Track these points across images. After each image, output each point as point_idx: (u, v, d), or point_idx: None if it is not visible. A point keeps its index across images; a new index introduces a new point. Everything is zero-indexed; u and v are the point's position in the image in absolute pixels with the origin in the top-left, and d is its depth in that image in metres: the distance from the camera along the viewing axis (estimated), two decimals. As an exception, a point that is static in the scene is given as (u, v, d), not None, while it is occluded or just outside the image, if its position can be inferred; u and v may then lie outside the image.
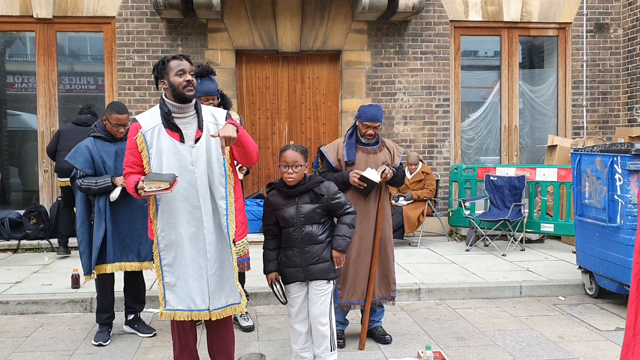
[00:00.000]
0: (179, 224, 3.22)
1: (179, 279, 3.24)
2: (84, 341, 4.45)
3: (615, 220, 5.02)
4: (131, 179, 3.24)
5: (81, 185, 4.24)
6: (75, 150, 4.33)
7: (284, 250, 3.60)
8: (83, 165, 4.25)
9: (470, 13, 8.53)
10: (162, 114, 3.23)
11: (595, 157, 5.29)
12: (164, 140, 3.20)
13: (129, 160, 3.28)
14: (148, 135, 3.20)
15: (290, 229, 3.56)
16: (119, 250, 4.30)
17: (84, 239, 4.34)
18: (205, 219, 3.23)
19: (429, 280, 5.79)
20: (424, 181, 7.85)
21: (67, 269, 6.10)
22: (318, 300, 3.58)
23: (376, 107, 4.25)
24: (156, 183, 3.10)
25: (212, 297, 3.26)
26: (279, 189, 3.61)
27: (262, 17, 8.23)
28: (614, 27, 8.81)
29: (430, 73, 8.54)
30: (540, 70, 9.17)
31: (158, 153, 3.20)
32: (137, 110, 8.05)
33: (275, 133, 8.70)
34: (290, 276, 3.59)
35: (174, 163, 3.20)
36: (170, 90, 3.21)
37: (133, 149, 3.24)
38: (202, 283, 3.24)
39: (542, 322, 4.87)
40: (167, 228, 3.23)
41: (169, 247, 3.24)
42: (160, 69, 3.23)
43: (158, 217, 3.24)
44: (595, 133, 8.79)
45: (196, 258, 3.24)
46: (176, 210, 3.22)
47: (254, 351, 4.19)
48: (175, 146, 3.21)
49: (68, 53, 8.40)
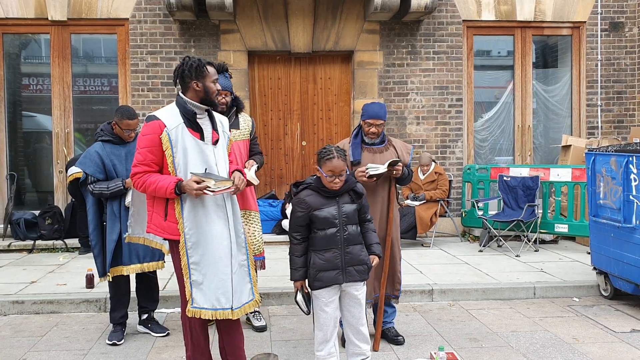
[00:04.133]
0: (205, 223, 3.25)
1: (206, 277, 3.25)
2: (98, 340, 4.49)
3: (630, 220, 4.97)
4: (166, 179, 3.19)
5: (93, 191, 4.26)
6: (85, 155, 4.34)
7: (322, 253, 3.41)
8: (94, 170, 4.26)
9: (483, 12, 8.49)
10: (183, 112, 3.28)
11: (610, 157, 5.24)
12: (188, 139, 3.25)
13: (147, 158, 3.24)
14: (173, 133, 3.23)
15: (331, 230, 3.40)
16: (136, 251, 4.32)
17: (98, 242, 4.36)
18: (229, 216, 3.32)
19: (441, 281, 5.76)
20: (437, 181, 7.82)
21: (82, 269, 6.15)
22: (359, 302, 3.51)
23: (378, 104, 4.20)
24: (220, 182, 3.17)
25: (235, 295, 3.30)
26: (319, 190, 3.46)
27: (274, 18, 8.25)
28: (629, 25, 8.72)
29: (443, 73, 8.51)
30: (554, 70, 9.10)
31: (183, 151, 3.24)
32: (149, 111, 8.09)
33: (287, 134, 8.72)
34: (329, 279, 3.40)
35: (198, 162, 3.26)
36: (201, 93, 3.29)
37: (155, 147, 3.23)
38: (227, 282, 3.27)
39: (556, 323, 4.83)
40: (194, 227, 3.24)
41: (196, 245, 3.25)
42: (199, 70, 3.27)
43: (184, 216, 3.24)
44: (610, 133, 8.70)
45: (223, 257, 3.27)
46: (203, 209, 3.24)
47: (267, 351, 4.19)
48: (199, 145, 3.28)
49: (82, 55, 8.48)
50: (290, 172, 8.77)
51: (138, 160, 3.28)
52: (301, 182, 3.64)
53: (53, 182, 8.25)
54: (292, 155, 8.76)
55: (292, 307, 5.31)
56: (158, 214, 3.33)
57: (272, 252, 6.89)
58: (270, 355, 4.04)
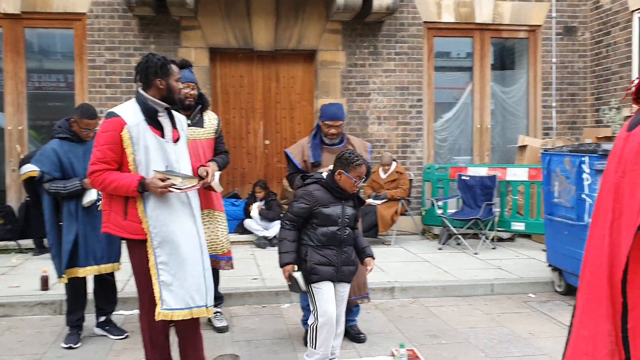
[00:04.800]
0: (171, 221, 3.20)
1: (176, 277, 3.19)
2: (54, 344, 4.37)
3: (583, 218, 5.13)
4: (128, 177, 3.13)
5: (49, 190, 4.14)
6: (41, 153, 4.22)
7: (322, 249, 3.53)
8: (50, 168, 4.14)
9: (443, 14, 8.62)
10: (144, 110, 3.23)
11: (565, 157, 5.39)
12: (149, 136, 3.20)
13: (106, 156, 3.17)
14: (134, 131, 3.17)
15: (332, 228, 3.53)
16: (93, 253, 4.22)
17: (55, 243, 4.25)
18: (196, 213, 3.31)
19: (402, 279, 5.83)
20: (398, 181, 7.91)
21: (36, 271, 5.97)
22: (343, 300, 3.68)
23: (336, 105, 4.20)
24: (186, 180, 3.15)
25: (209, 292, 3.29)
26: (331, 188, 3.55)
27: (236, 15, 8.19)
28: (581, 30, 8.99)
29: (404, 74, 8.61)
30: (512, 72, 9.31)
31: (145, 149, 3.18)
32: (107, 108, 7.91)
33: (250, 132, 8.67)
34: (325, 274, 3.53)
35: (160, 160, 3.21)
36: (164, 91, 3.24)
37: (115, 145, 3.16)
38: (200, 279, 3.24)
39: (513, 319, 4.95)
40: (159, 225, 3.18)
41: (163, 244, 3.18)
42: (163, 68, 3.22)
43: (148, 215, 3.17)
44: (564, 134, 8.96)
45: (193, 253, 3.23)
46: (167, 207, 3.20)
47: (229, 352, 4.16)
48: (160, 143, 3.24)
49: (37, 50, 8.24)
50: (253, 171, 8.72)
51: (97, 158, 3.19)
52: (308, 175, 3.70)
53: (5, 181, 7.99)
54: (255, 154, 8.72)
55: (254, 307, 5.29)
56: (116, 213, 3.24)
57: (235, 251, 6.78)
58: (232, 356, 4.02)
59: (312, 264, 3.52)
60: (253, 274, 6.14)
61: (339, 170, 3.51)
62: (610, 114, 8.42)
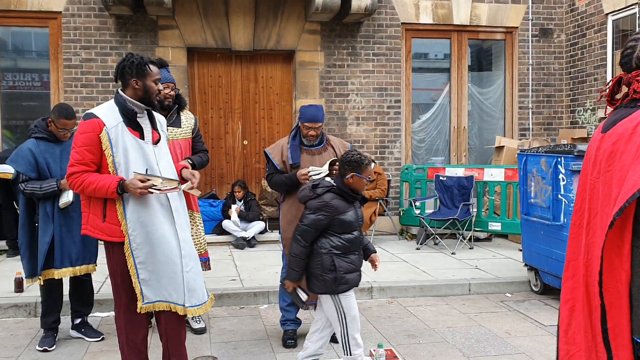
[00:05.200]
0: (151, 223, 3.18)
1: (153, 274, 3.20)
2: (28, 347, 4.30)
3: (559, 218, 5.20)
4: (107, 179, 3.10)
5: (24, 190, 4.08)
6: (17, 152, 4.15)
7: (347, 255, 3.45)
8: (26, 168, 4.08)
9: (421, 16, 8.68)
10: (123, 111, 3.20)
11: (541, 157, 5.46)
12: (128, 138, 3.18)
13: (85, 158, 3.13)
14: (112, 132, 3.14)
15: (354, 233, 3.47)
16: (68, 254, 4.17)
17: (25, 241, 4.19)
18: (175, 215, 3.26)
19: (380, 279, 5.85)
20: (376, 181, 7.94)
21: (10, 273, 5.86)
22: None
23: (315, 107, 4.18)
24: (166, 182, 3.13)
25: (189, 294, 3.24)
26: (344, 193, 3.45)
27: (214, 15, 8.14)
28: (557, 32, 9.12)
29: (382, 75, 8.65)
30: (489, 73, 9.41)
31: (124, 151, 3.16)
32: (83, 107, 7.83)
33: (228, 132, 8.63)
34: (354, 281, 3.49)
35: (139, 161, 3.19)
36: (140, 92, 3.21)
37: (93, 146, 3.13)
38: (177, 279, 3.22)
39: (490, 318, 5.00)
40: (137, 227, 3.16)
41: (142, 245, 3.17)
42: (139, 68, 3.18)
43: (128, 217, 3.15)
44: (540, 134, 9.09)
45: (170, 255, 3.21)
46: (146, 209, 3.17)
47: (206, 354, 4.14)
48: (139, 145, 3.21)
49: (11, 48, 8.10)
50: (231, 172, 8.68)
51: (75, 160, 3.15)
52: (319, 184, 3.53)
53: (-22, 182, 7.83)
54: (233, 154, 8.68)
55: (232, 308, 5.27)
56: (95, 215, 3.21)
57: (213, 252, 6.78)
58: (209, 357, 4.00)
59: (342, 273, 3.41)
60: (231, 274, 6.12)
61: (351, 174, 3.44)
62: (585, 115, 8.56)
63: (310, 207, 3.44)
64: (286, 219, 4.18)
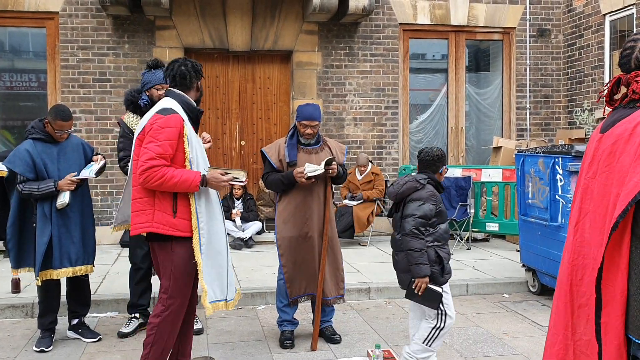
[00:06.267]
0: (213, 218, 3.32)
1: (211, 269, 3.28)
2: (25, 348, 4.28)
3: (556, 219, 5.20)
4: (191, 173, 3.17)
5: (22, 191, 4.06)
6: (14, 153, 4.14)
7: (444, 246, 3.49)
8: (23, 169, 4.06)
9: (419, 16, 8.68)
10: (188, 110, 3.32)
11: (538, 158, 5.46)
12: (194, 135, 3.33)
13: (167, 152, 3.13)
14: (188, 129, 3.25)
15: (446, 224, 3.54)
16: (67, 254, 4.15)
17: (14, 236, 4.19)
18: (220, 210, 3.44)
19: (378, 279, 5.85)
20: (374, 182, 7.94)
21: (7, 273, 5.84)
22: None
23: (313, 106, 4.21)
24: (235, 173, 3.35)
25: (229, 288, 3.40)
26: (439, 185, 3.60)
27: (211, 15, 8.13)
28: (554, 33, 9.13)
29: (380, 75, 8.65)
30: (486, 74, 9.42)
31: (194, 146, 3.29)
32: (81, 108, 7.83)
33: (225, 133, 8.62)
34: (451, 270, 3.56)
35: (201, 158, 3.35)
36: (199, 94, 3.45)
37: (175, 141, 3.18)
38: (223, 275, 3.36)
39: (488, 319, 5.00)
40: (205, 221, 3.26)
41: (208, 239, 3.26)
42: (199, 72, 3.43)
43: (200, 212, 3.23)
44: (537, 135, 9.10)
45: (221, 251, 3.36)
46: (211, 204, 3.33)
47: (204, 354, 4.13)
48: (199, 142, 3.41)
49: (8, 49, 8.08)
50: (228, 172, 8.66)
51: (157, 153, 3.10)
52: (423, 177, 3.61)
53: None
54: (230, 155, 8.67)
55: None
56: (164, 212, 3.16)
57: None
58: (207, 358, 3.99)
59: (446, 262, 3.48)
60: (229, 275, 6.10)
61: (444, 169, 3.61)
62: (583, 115, 8.57)
63: (419, 197, 3.45)
64: (282, 218, 4.19)
